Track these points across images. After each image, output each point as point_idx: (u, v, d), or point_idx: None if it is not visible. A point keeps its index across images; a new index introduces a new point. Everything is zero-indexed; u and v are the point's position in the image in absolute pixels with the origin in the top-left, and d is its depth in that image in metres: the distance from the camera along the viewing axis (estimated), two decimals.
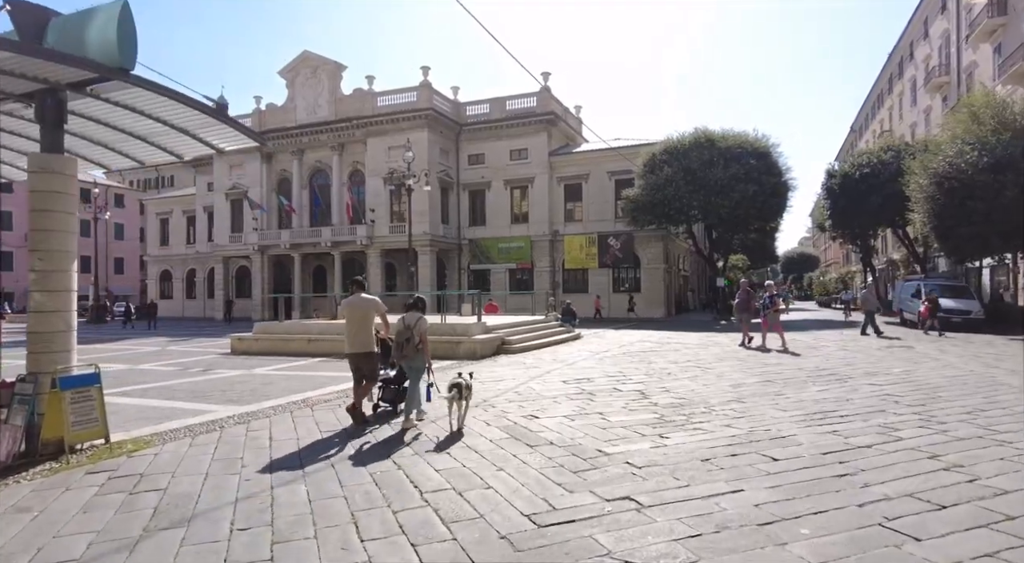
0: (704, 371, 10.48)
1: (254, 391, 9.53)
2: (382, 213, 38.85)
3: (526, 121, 38.60)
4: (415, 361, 6.83)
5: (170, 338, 23.36)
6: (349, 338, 7.07)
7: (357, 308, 7.04)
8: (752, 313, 15.27)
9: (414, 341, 6.73)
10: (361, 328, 7.01)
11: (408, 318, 6.86)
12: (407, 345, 6.74)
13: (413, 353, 6.77)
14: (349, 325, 7.06)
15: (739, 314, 15.80)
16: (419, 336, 6.75)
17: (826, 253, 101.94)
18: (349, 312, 7.06)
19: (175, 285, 52.00)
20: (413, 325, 6.77)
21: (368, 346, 7.08)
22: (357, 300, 7.08)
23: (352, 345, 7.03)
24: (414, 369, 6.86)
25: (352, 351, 7.04)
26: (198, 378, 11.29)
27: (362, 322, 7.02)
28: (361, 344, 7.02)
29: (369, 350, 7.10)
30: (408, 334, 6.74)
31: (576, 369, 11.10)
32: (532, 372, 10.74)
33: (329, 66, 40.95)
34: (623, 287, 37.50)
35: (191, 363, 14.10)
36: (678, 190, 30.21)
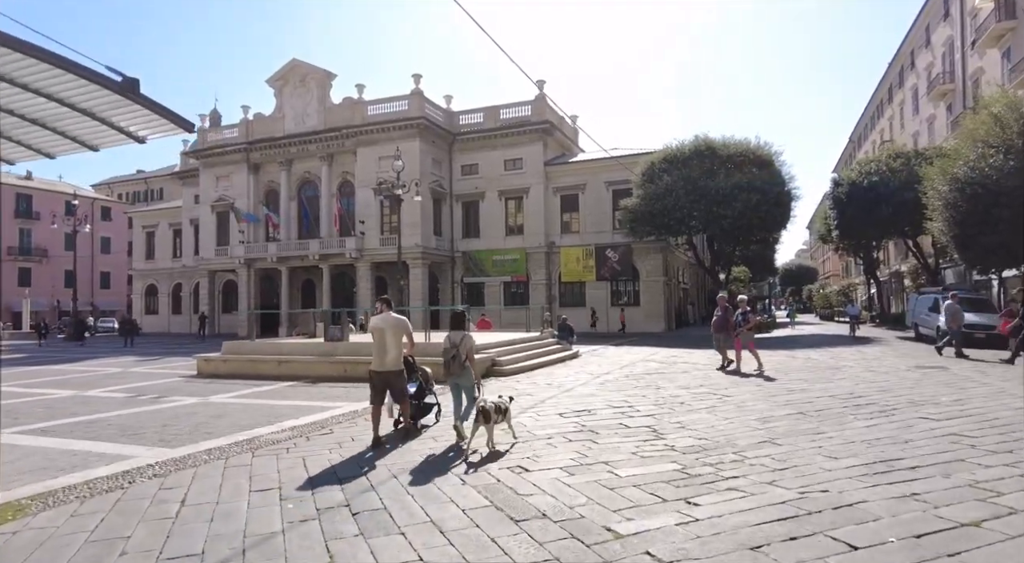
0: (721, 400, 9.14)
1: (197, 427, 8.14)
2: (372, 225, 37.57)
3: (521, 130, 37.51)
4: (463, 378, 6.90)
5: (141, 357, 21.91)
6: (378, 356, 7.02)
7: (388, 326, 7.03)
8: (731, 333, 13.12)
9: (460, 358, 6.79)
10: (392, 346, 7.02)
11: (453, 336, 6.92)
12: (454, 363, 6.80)
13: (460, 370, 6.84)
14: (379, 343, 7.03)
15: (716, 334, 13.38)
16: (465, 353, 6.81)
17: (824, 265, 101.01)
18: (379, 330, 7.03)
19: (161, 300, 50.53)
20: (459, 343, 6.82)
21: (399, 364, 7.11)
22: (388, 318, 7.09)
23: (383, 363, 6.99)
24: (463, 386, 6.94)
25: (382, 369, 6.99)
26: (143, 408, 9.89)
27: (393, 340, 7.03)
28: (392, 363, 7.03)
29: (400, 368, 7.13)
30: (454, 351, 6.78)
31: (575, 397, 9.74)
32: (524, 401, 9.38)
33: (318, 74, 39.87)
34: (621, 300, 36.21)
35: (147, 388, 12.69)
36: (678, 199, 29.04)
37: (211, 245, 43.22)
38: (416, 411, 7.65)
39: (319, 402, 10.15)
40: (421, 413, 7.78)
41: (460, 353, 6.79)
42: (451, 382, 7.03)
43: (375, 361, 7.05)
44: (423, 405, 7.86)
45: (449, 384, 7.09)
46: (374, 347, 7.10)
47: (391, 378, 7.04)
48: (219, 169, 43.14)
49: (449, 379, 7.02)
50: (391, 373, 7.02)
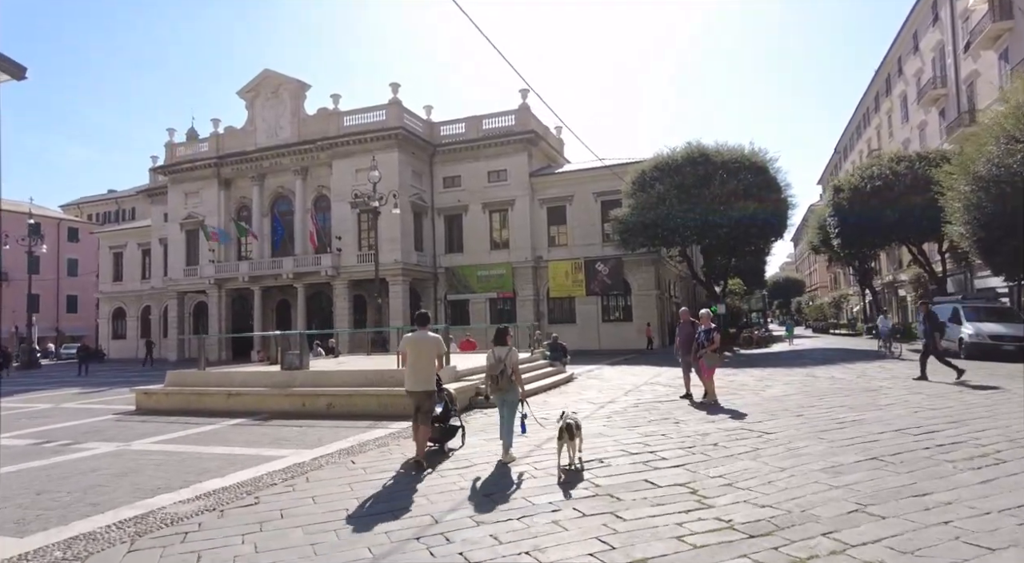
0: (762, 439, 7.35)
1: (86, 493, 6.16)
2: (349, 241, 35.64)
3: (505, 140, 35.99)
4: (509, 394, 6.84)
5: (86, 389, 19.69)
6: (412, 376, 6.90)
7: (423, 345, 6.89)
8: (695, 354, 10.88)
9: (508, 373, 6.73)
10: (427, 366, 6.88)
11: (499, 351, 6.85)
12: (501, 378, 6.73)
13: (508, 386, 6.79)
14: (414, 362, 6.90)
15: (684, 356, 11.10)
16: (511, 368, 6.75)
17: (811, 277, 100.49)
18: (414, 349, 6.90)
19: (129, 324, 48.00)
20: (504, 358, 6.76)
21: (431, 384, 6.96)
22: (422, 337, 6.94)
23: (416, 383, 6.87)
24: (508, 402, 6.86)
25: (416, 389, 6.85)
26: (37, 463, 7.87)
27: (428, 360, 6.89)
28: (425, 382, 6.89)
29: (431, 389, 6.96)
30: (501, 367, 6.73)
31: None
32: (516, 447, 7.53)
33: (292, 85, 38.15)
34: (613, 316, 34.52)
35: (64, 431, 10.63)
36: (671, 209, 27.50)
37: (180, 265, 40.97)
38: (441, 434, 7.53)
39: (261, 449, 8.20)
40: (447, 436, 7.65)
41: (507, 368, 6.71)
42: (498, 398, 6.91)
43: (407, 381, 6.96)
44: (448, 427, 7.70)
45: (496, 401, 6.98)
46: (407, 367, 6.97)
47: (421, 398, 6.85)
48: (188, 185, 41.06)
49: (496, 395, 6.91)
50: (421, 394, 6.85)
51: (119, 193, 67.80)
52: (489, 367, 6.89)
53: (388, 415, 10.65)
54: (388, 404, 10.95)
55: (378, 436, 8.76)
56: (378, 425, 9.78)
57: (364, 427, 9.66)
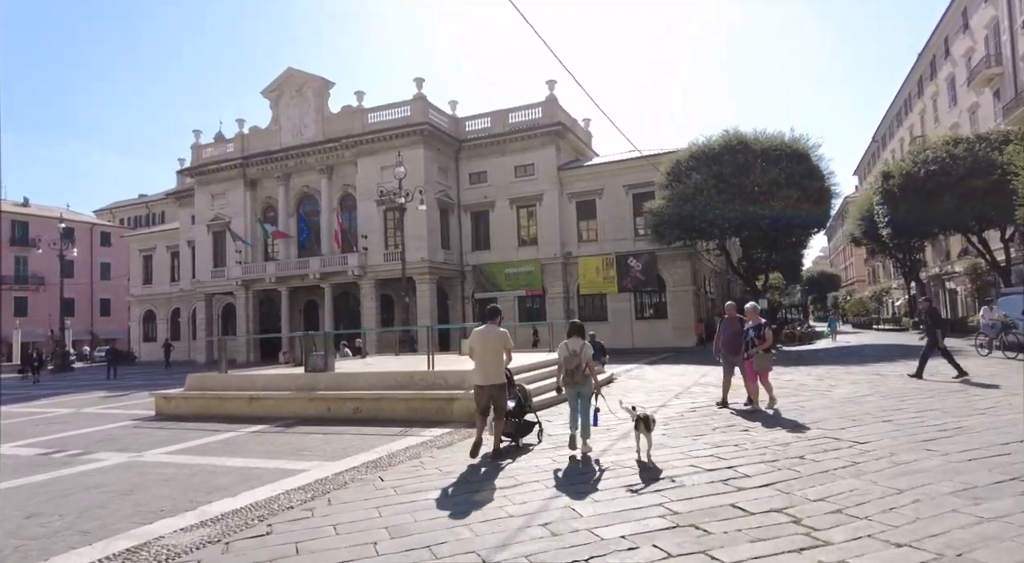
0: (858, 450, 6.28)
1: (81, 515, 5.41)
2: (376, 240, 35.05)
3: (531, 134, 35.00)
4: (584, 387, 6.91)
5: (111, 392, 19.32)
6: (481, 369, 6.98)
7: (491, 339, 6.97)
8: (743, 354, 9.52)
9: (582, 367, 6.81)
10: (495, 359, 6.95)
11: (572, 344, 6.91)
12: (577, 371, 6.81)
13: (583, 379, 6.86)
14: (482, 356, 6.97)
15: (728, 356, 9.71)
16: (585, 362, 6.82)
17: (847, 272, 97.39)
18: (482, 343, 6.98)
19: (159, 326, 48.21)
20: (579, 351, 6.85)
21: (501, 378, 7.02)
22: (490, 331, 7.01)
23: (487, 377, 6.94)
24: (583, 395, 6.93)
25: (486, 383, 6.94)
26: (38, 477, 7.18)
27: (495, 353, 6.95)
28: (495, 376, 6.95)
29: (502, 382, 7.03)
30: (576, 361, 6.81)
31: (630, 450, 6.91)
32: (563, 459, 6.60)
33: (315, 83, 37.72)
34: (647, 313, 33.30)
35: (78, 439, 10.03)
36: (710, 199, 26.22)
37: (208, 267, 40.90)
38: (516, 429, 7.50)
39: (280, 461, 7.39)
40: (522, 431, 7.61)
41: (582, 361, 6.80)
42: (571, 391, 6.95)
43: (477, 376, 7.03)
44: (523, 422, 7.66)
45: (568, 394, 7.02)
46: (476, 361, 7.03)
47: (494, 392, 6.91)
48: (214, 187, 40.98)
49: (570, 388, 6.95)
50: (493, 387, 6.92)
51: (149, 197, 68.60)
52: (564, 360, 6.88)
53: (418, 420, 9.82)
54: (418, 408, 10.12)
55: (409, 445, 7.90)
56: (408, 432, 8.94)
57: (393, 434, 8.82)
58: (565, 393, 7.13)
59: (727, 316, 10.05)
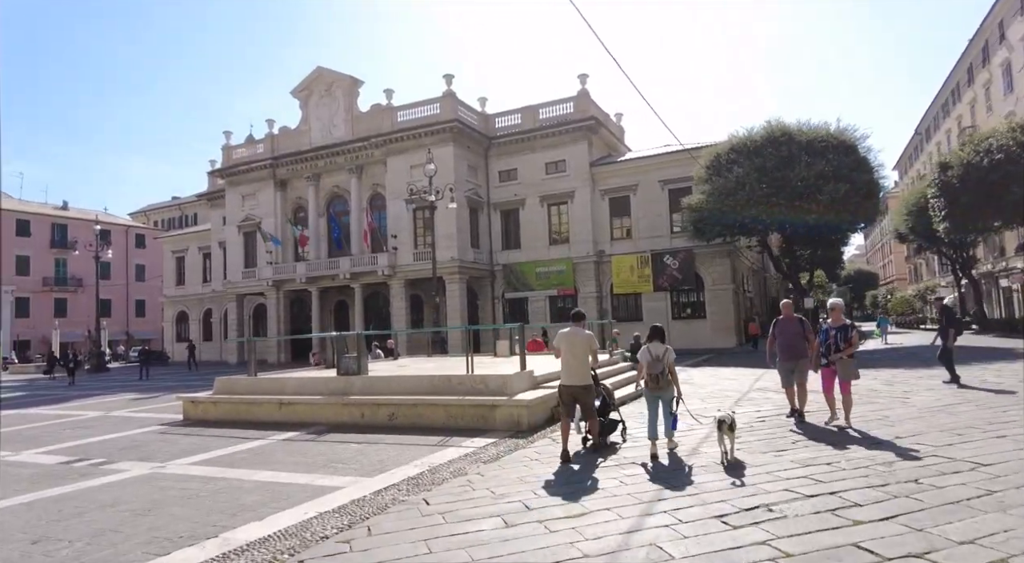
0: (982, 473, 5.35)
1: (93, 541, 4.80)
2: (405, 239, 34.59)
3: (563, 129, 34.14)
4: (666, 392, 6.93)
5: (142, 394, 19.08)
6: (567, 371, 7.02)
7: (575, 340, 7.01)
8: (815, 360, 8.26)
9: (665, 373, 6.82)
10: (579, 360, 6.98)
11: (655, 349, 6.92)
12: (661, 377, 6.81)
13: (666, 384, 6.87)
14: (566, 357, 6.99)
15: (786, 362, 8.45)
16: (668, 367, 6.83)
17: (885, 269, 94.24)
18: (567, 344, 7.00)
19: (191, 327, 48.57)
20: (662, 355, 6.86)
21: (586, 379, 7.02)
22: (576, 332, 7.07)
23: (572, 377, 6.97)
24: (664, 400, 6.95)
25: (571, 383, 6.96)
26: (53, 491, 6.65)
27: (581, 354, 6.99)
28: (580, 377, 6.97)
29: (588, 383, 7.03)
30: (660, 366, 6.82)
31: (715, 468, 6.08)
32: (639, 478, 5.81)
33: (344, 82, 37.45)
34: (684, 313, 32.16)
35: (102, 446, 9.55)
36: (752, 194, 25.12)
37: (239, 267, 40.97)
38: (601, 428, 7.44)
39: (312, 475, 6.73)
40: (607, 430, 7.62)
41: (665, 367, 6.82)
42: (652, 395, 6.99)
43: (563, 376, 7.09)
44: (608, 422, 7.67)
45: (648, 398, 7.04)
46: (562, 361, 7.10)
47: (578, 393, 6.98)
48: (245, 187, 41.04)
49: (651, 393, 6.98)
50: (578, 387, 6.96)
51: (182, 199, 69.52)
52: (647, 365, 6.91)
53: (457, 429, 9.12)
54: (457, 415, 9.40)
55: (451, 458, 7.17)
56: (448, 442, 8.22)
57: (433, 445, 8.11)
58: (644, 397, 7.15)
59: (783, 316, 8.77)
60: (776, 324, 8.85)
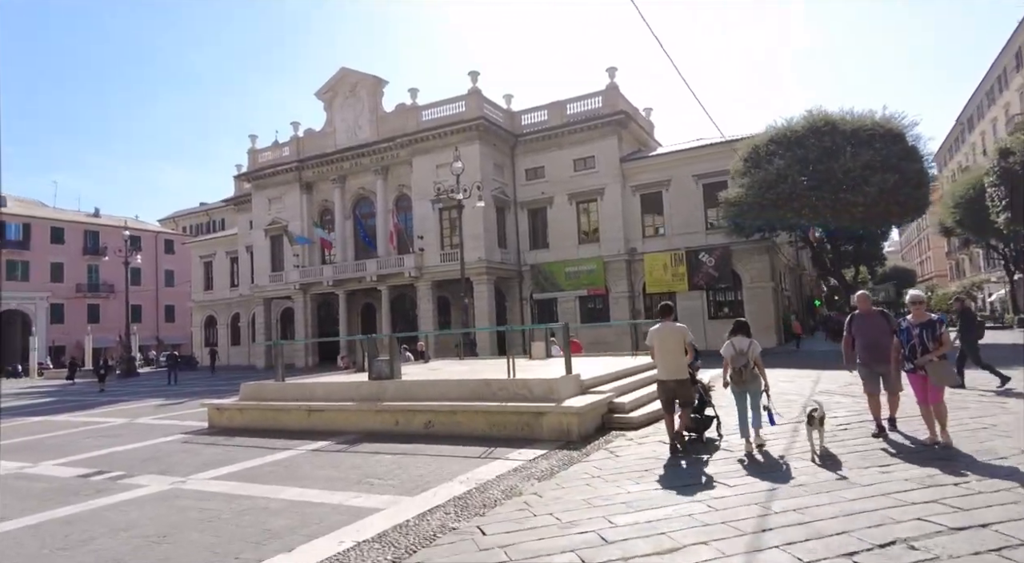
0: None
1: None
2: (431, 240, 34.00)
3: (591, 125, 33.20)
4: (751, 385, 6.83)
5: (169, 399, 18.72)
6: (663, 366, 7.09)
7: (669, 335, 7.04)
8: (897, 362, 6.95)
9: (750, 366, 6.78)
10: (675, 355, 6.99)
11: (738, 343, 6.89)
12: (745, 370, 6.78)
13: (751, 377, 6.80)
14: (661, 353, 7.06)
15: (872, 367, 7.25)
16: (753, 361, 6.80)
17: (923, 266, 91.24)
18: (660, 340, 7.07)
19: (220, 331, 48.72)
20: (746, 350, 6.82)
21: (683, 372, 7.06)
22: (668, 327, 7.10)
23: (669, 372, 7.03)
24: (751, 393, 6.85)
25: (668, 378, 7.03)
26: (65, 511, 6.03)
27: (675, 349, 6.99)
28: (677, 371, 7.00)
29: (684, 377, 7.08)
30: (744, 359, 6.78)
31: (815, 473, 5.19)
32: (719, 510, 4.96)
33: (369, 82, 37.06)
34: (721, 312, 30.96)
35: (125, 456, 9.00)
36: (795, 186, 23.94)
37: (266, 271, 40.82)
38: (697, 424, 7.52)
39: (345, 493, 6.01)
40: (703, 426, 7.62)
41: (749, 360, 6.78)
42: (739, 390, 6.90)
43: (659, 371, 7.17)
44: (703, 418, 7.67)
45: (735, 392, 6.95)
46: (656, 357, 7.17)
47: (676, 387, 7.02)
48: (271, 191, 40.93)
49: (737, 387, 6.90)
50: (675, 382, 7.00)
51: (209, 205, 70.16)
52: (730, 359, 6.90)
53: (500, 438, 8.34)
54: (499, 423, 8.62)
55: (499, 473, 6.39)
56: (492, 453, 7.44)
57: (476, 457, 7.34)
58: (732, 393, 7.04)
59: (859, 310, 7.46)
60: (853, 320, 7.56)
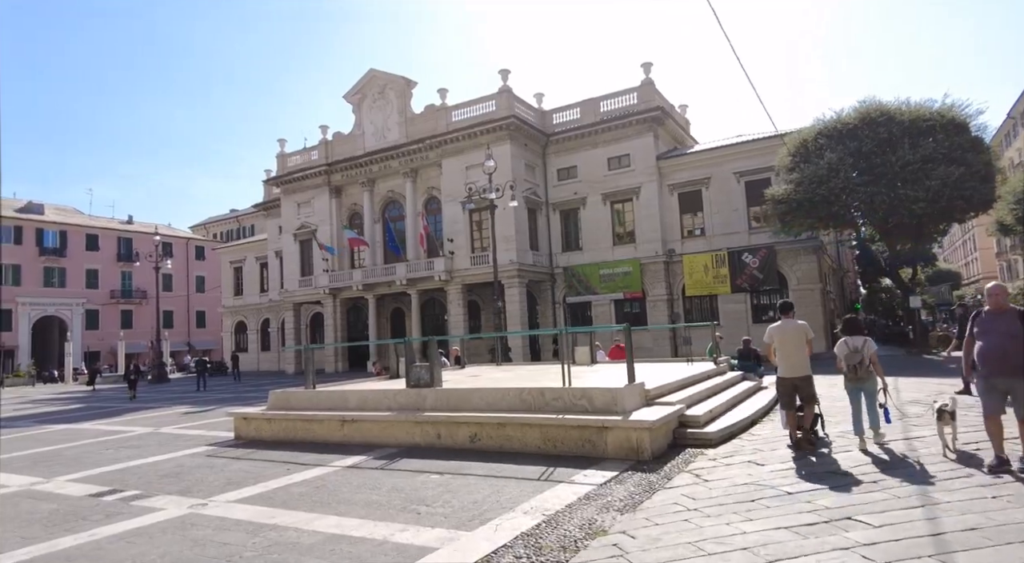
0: None
1: None
2: (461, 243, 33.21)
3: (626, 122, 32.09)
4: (867, 383, 6.83)
5: (196, 407, 18.11)
6: (785, 363, 7.12)
7: (791, 332, 7.10)
8: None
9: (866, 363, 6.75)
10: (798, 351, 7.05)
11: (852, 341, 6.88)
12: (861, 367, 6.76)
13: (867, 375, 6.79)
14: (784, 349, 7.10)
15: (997, 378, 5.66)
16: (869, 358, 6.77)
17: (968, 268, 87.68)
18: (782, 337, 7.13)
19: (250, 336, 48.64)
20: (861, 347, 6.80)
21: (806, 369, 7.09)
22: (788, 324, 7.15)
23: (792, 369, 7.06)
24: (867, 391, 6.85)
25: (791, 375, 7.06)
26: (68, 540, 5.21)
27: (798, 346, 7.06)
28: (800, 367, 7.05)
29: (808, 373, 7.10)
30: (859, 357, 6.76)
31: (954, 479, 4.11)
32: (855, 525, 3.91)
33: (398, 83, 36.53)
34: (766, 315, 29.44)
35: (144, 470, 8.22)
36: (848, 181, 22.56)
37: (295, 276, 40.51)
38: (812, 421, 7.31)
39: (389, 525, 5.06)
40: (814, 423, 7.39)
41: (865, 358, 6.74)
42: (853, 387, 6.91)
43: (781, 368, 7.17)
44: (817, 415, 7.41)
45: (850, 391, 6.96)
46: (778, 355, 7.17)
47: (799, 384, 7.03)
48: (300, 195, 40.64)
49: (852, 385, 6.90)
50: (799, 379, 7.03)
51: (239, 212, 70.64)
52: (845, 356, 6.88)
53: (556, 455, 7.36)
54: (555, 438, 7.61)
55: (568, 501, 5.38)
56: (553, 475, 6.45)
57: (534, 478, 6.35)
58: (846, 391, 7.03)
59: (989, 307, 5.89)
60: (976, 319, 6.01)
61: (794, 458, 6.62)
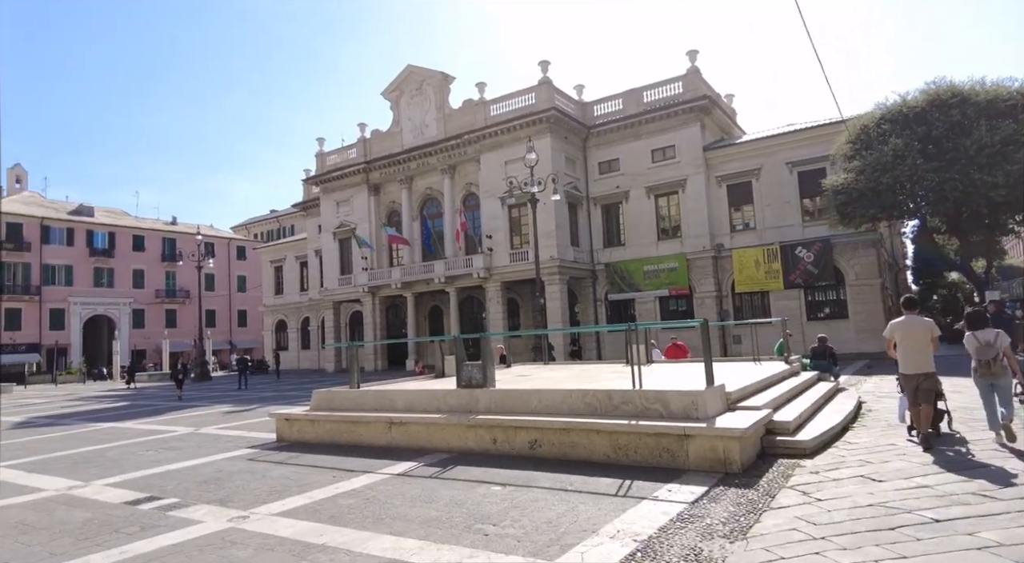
0: None
1: None
2: (500, 239, 32.54)
3: (671, 112, 30.90)
4: (1002, 379, 6.58)
5: (237, 406, 17.86)
6: (907, 359, 6.91)
7: (916, 329, 6.87)
8: None
9: (999, 358, 6.51)
10: (921, 348, 6.84)
11: (983, 335, 6.65)
12: (995, 362, 6.52)
13: (1000, 370, 6.54)
14: (908, 346, 6.90)
15: None
16: (1003, 352, 6.51)
17: None
18: (905, 333, 6.92)
19: (290, 335, 48.99)
20: (993, 341, 6.57)
21: (929, 366, 6.83)
22: (913, 320, 6.92)
23: (916, 366, 6.83)
24: (1000, 387, 6.58)
25: (915, 372, 6.84)
26: (96, 557, 4.66)
27: (922, 342, 6.84)
28: (923, 364, 6.81)
29: (931, 370, 6.83)
30: (992, 351, 6.52)
31: None
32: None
33: (435, 78, 36.07)
34: (821, 312, 28.00)
35: (183, 475, 7.74)
36: (915, 168, 21.01)
37: (335, 275, 40.48)
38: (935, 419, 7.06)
39: (457, 547, 4.37)
40: (936, 419, 7.10)
41: (999, 352, 6.49)
42: (985, 383, 6.62)
43: (904, 364, 6.95)
44: (936, 412, 7.08)
45: (982, 386, 6.69)
46: (900, 351, 6.96)
47: (921, 381, 6.79)
48: (339, 194, 40.60)
49: (985, 380, 6.62)
50: (922, 375, 6.78)
51: (279, 212, 71.55)
52: (976, 351, 6.64)
53: (629, 466, 6.57)
54: (627, 447, 6.81)
55: (660, 524, 4.59)
56: (630, 489, 5.66)
57: (611, 493, 5.58)
58: (977, 387, 6.79)
59: None
60: None
61: (917, 472, 5.68)
